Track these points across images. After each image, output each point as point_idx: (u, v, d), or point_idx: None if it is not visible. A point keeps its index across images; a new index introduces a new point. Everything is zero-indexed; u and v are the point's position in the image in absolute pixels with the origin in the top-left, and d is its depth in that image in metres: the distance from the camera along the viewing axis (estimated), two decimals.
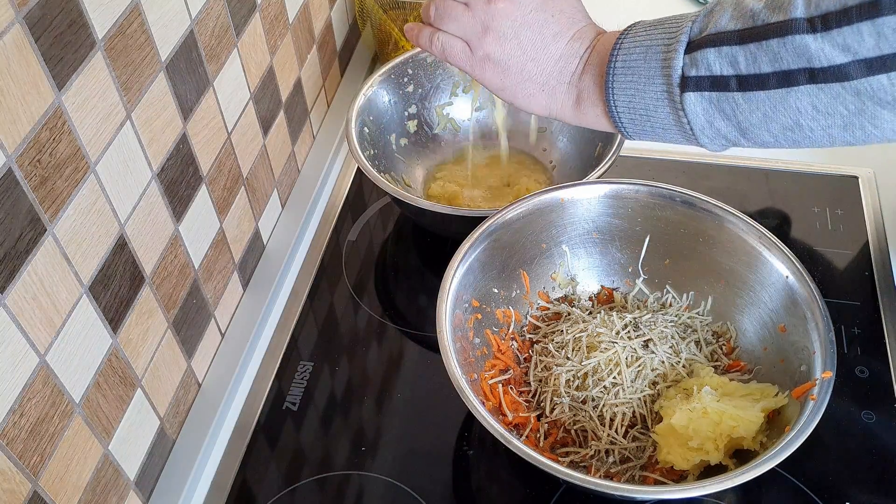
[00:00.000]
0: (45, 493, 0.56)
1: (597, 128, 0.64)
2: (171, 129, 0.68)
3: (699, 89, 0.55)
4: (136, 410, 0.67)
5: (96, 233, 0.59)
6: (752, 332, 0.75)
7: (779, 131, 0.54)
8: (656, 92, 0.57)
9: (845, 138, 0.53)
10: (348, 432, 0.77)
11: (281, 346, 0.84)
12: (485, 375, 0.73)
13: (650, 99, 0.57)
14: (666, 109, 0.57)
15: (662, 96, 0.57)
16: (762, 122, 0.54)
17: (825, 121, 0.52)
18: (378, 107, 0.96)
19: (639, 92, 0.58)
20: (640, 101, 0.58)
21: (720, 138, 0.57)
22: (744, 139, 0.56)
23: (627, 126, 0.60)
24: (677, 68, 0.55)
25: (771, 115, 0.53)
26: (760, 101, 0.53)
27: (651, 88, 0.57)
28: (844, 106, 0.50)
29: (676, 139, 0.59)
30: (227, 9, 0.75)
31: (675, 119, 0.57)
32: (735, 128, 0.55)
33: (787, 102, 0.52)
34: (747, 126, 0.55)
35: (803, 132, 0.53)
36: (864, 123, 0.51)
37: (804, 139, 0.54)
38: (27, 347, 0.53)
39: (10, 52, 0.48)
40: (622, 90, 0.59)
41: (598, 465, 0.70)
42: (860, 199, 0.95)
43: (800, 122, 0.53)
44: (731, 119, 0.55)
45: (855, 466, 0.72)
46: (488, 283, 0.77)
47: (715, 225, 0.76)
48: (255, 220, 0.88)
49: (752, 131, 0.55)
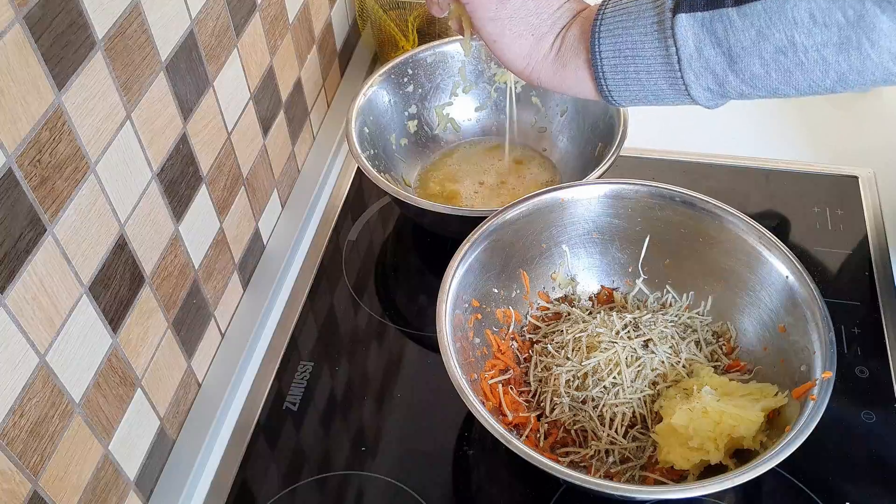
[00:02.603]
0: (45, 493, 0.56)
1: (572, 87, 0.62)
2: (171, 129, 0.68)
3: (693, 10, 0.53)
4: (136, 410, 0.67)
5: (96, 233, 0.59)
6: (752, 332, 0.75)
7: (771, 56, 0.52)
8: (646, 23, 0.55)
9: (839, 66, 0.51)
10: (348, 432, 0.77)
11: (281, 346, 0.84)
12: (485, 375, 0.73)
13: (638, 32, 0.56)
14: (654, 41, 0.55)
15: (652, 27, 0.55)
16: (755, 44, 0.52)
17: (821, 35, 0.50)
18: (378, 107, 0.96)
19: (627, 28, 0.56)
20: (627, 38, 0.56)
21: (707, 74, 0.55)
22: (732, 73, 0.54)
23: (608, 75, 0.58)
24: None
25: (765, 32, 0.51)
26: (756, 15, 0.51)
27: (640, 21, 0.55)
28: (843, 12, 0.49)
29: (659, 87, 0.57)
30: (227, 9, 0.75)
31: (663, 52, 0.55)
32: (725, 56, 0.53)
33: (783, 12, 0.50)
34: (738, 52, 0.53)
35: (797, 55, 0.52)
36: (861, 39, 0.49)
37: (797, 67, 0.52)
38: (27, 347, 0.53)
39: (10, 52, 0.48)
40: (609, 31, 0.57)
41: (598, 465, 0.70)
42: (860, 199, 0.95)
43: (794, 39, 0.51)
44: (723, 43, 0.53)
45: (855, 466, 0.72)
46: (488, 283, 0.77)
47: (715, 225, 0.76)
48: (255, 220, 0.88)
49: (742, 59, 0.53)
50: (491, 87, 1.02)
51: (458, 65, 1.00)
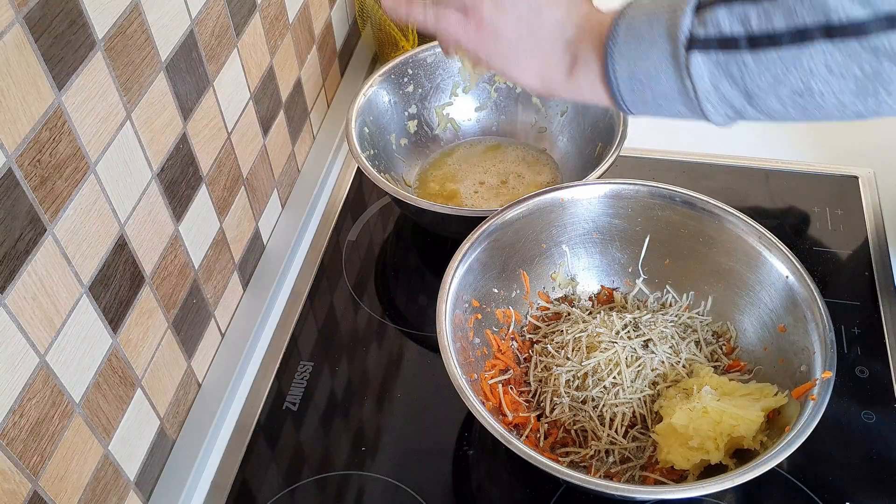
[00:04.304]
0: (45, 493, 0.56)
1: (590, 100, 0.61)
2: (171, 129, 0.68)
3: (707, 49, 0.52)
4: (136, 410, 0.67)
5: (96, 233, 0.59)
6: (752, 332, 0.75)
7: (788, 96, 0.52)
8: (660, 55, 0.54)
9: (856, 107, 0.51)
10: (348, 432, 0.77)
11: (281, 346, 0.84)
12: (485, 375, 0.73)
13: (653, 63, 0.55)
14: (670, 74, 0.55)
15: (667, 59, 0.54)
16: (771, 86, 0.52)
17: (838, 84, 0.50)
18: (378, 107, 0.96)
19: (641, 56, 0.55)
20: (642, 65, 0.56)
21: (725, 106, 0.55)
22: (750, 107, 0.54)
23: (625, 95, 0.58)
24: (685, 28, 0.53)
25: (781, 78, 0.51)
26: (771, 62, 0.51)
27: (655, 51, 0.55)
28: (860, 66, 0.49)
29: (677, 109, 0.57)
30: (227, 9, 0.75)
31: (679, 84, 0.55)
32: (742, 93, 0.53)
33: (799, 62, 0.50)
34: (755, 91, 0.53)
35: (814, 97, 0.51)
36: (878, 89, 0.49)
37: (814, 107, 0.52)
38: (27, 347, 0.53)
39: (10, 52, 0.48)
40: (622, 55, 0.56)
41: (598, 465, 0.70)
42: (860, 199, 0.95)
43: (811, 86, 0.51)
44: (739, 83, 0.53)
45: (855, 466, 0.72)
46: (488, 283, 0.77)
47: (715, 225, 0.76)
48: (255, 220, 0.88)
49: (759, 97, 0.53)
50: (491, 87, 1.02)
51: (459, 65, 1.00)
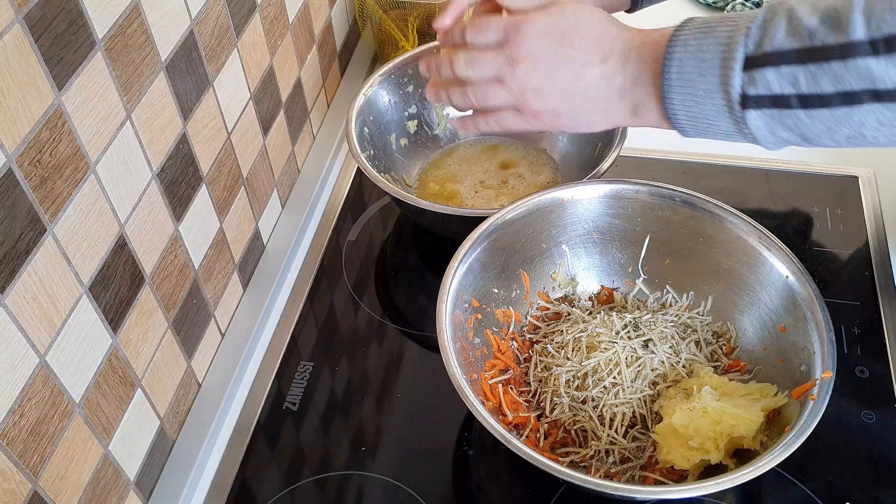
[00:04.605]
0: (45, 493, 0.56)
1: (658, 128, 0.64)
2: (171, 129, 0.68)
3: (760, 107, 0.55)
4: (136, 410, 0.67)
5: (96, 233, 0.59)
6: (752, 332, 0.75)
7: (843, 139, 0.55)
8: (716, 105, 0.57)
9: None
10: (348, 432, 0.77)
11: (281, 346, 0.84)
12: (485, 375, 0.73)
13: (710, 111, 0.58)
14: (728, 122, 0.58)
15: (723, 109, 0.57)
16: (826, 133, 0.55)
17: (890, 131, 0.53)
18: (378, 107, 0.96)
19: (697, 103, 0.58)
20: (700, 111, 0.58)
21: (783, 143, 0.58)
22: (807, 143, 0.57)
23: (688, 130, 0.61)
24: (736, 87, 0.55)
25: (835, 129, 0.54)
26: (823, 117, 0.54)
27: (710, 102, 0.57)
28: None
29: (738, 141, 0.60)
30: (227, 9, 0.75)
31: (737, 129, 0.58)
32: (798, 136, 0.56)
33: (850, 118, 0.53)
34: (810, 136, 0.56)
35: (867, 140, 0.55)
36: None
37: (868, 144, 0.55)
38: (27, 347, 0.53)
39: (10, 52, 0.48)
40: (680, 101, 0.59)
41: (598, 465, 0.70)
42: (860, 199, 0.95)
43: (864, 134, 0.54)
44: (795, 130, 0.56)
45: (855, 466, 0.72)
46: (488, 283, 0.77)
47: (715, 225, 0.76)
48: (255, 220, 0.88)
49: (815, 140, 0.56)
50: None
51: None
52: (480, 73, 0.65)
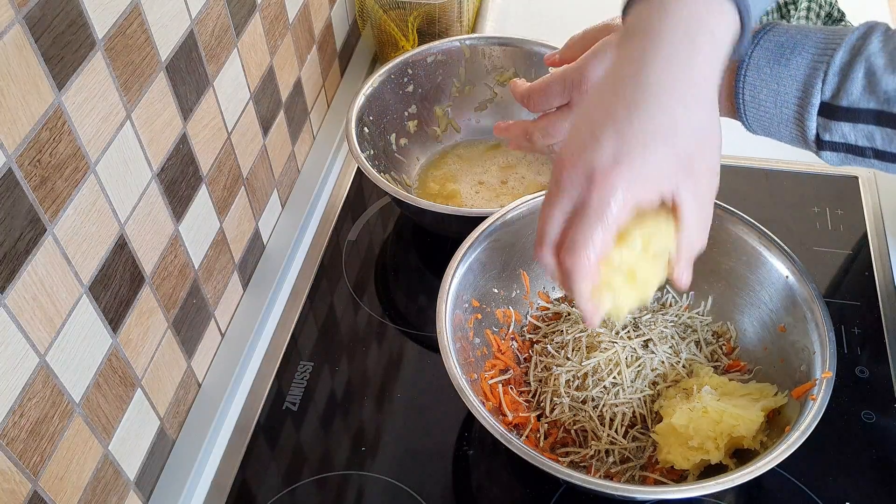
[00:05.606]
0: (45, 493, 0.56)
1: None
2: (171, 129, 0.68)
3: (835, 150, 0.56)
4: (136, 410, 0.67)
5: (96, 233, 0.59)
6: (752, 332, 0.75)
7: None
8: (791, 134, 0.58)
9: None
10: (348, 432, 0.77)
11: (281, 346, 0.84)
12: (485, 375, 0.73)
13: (785, 135, 0.59)
14: (802, 145, 0.59)
15: (798, 139, 0.58)
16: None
17: None
18: (378, 107, 0.96)
19: (773, 126, 0.59)
20: (776, 132, 0.59)
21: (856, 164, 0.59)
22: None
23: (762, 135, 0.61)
24: (812, 129, 0.56)
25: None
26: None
27: (785, 130, 0.58)
28: None
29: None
30: (227, 9, 0.75)
31: (813, 151, 0.59)
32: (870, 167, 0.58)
33: None
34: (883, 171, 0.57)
35: None
36: None
37: None
38: (27, 347, 0.53)
39: (10, 52, 0.48)
40: (756, 120, 0.59)
41: (598, 465, 0.70)
42: (860, 199, 0.95)
43: None
44: (866, 164, 0.57)
45: (855, 466, 0.72)
46: (488, 283, 0.77)
47: (715, 225, 0.75)
48: (255, 220, 0.88)
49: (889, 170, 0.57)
50: (491, 87, 1.02)
51: (459, 65, 1.00)
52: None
